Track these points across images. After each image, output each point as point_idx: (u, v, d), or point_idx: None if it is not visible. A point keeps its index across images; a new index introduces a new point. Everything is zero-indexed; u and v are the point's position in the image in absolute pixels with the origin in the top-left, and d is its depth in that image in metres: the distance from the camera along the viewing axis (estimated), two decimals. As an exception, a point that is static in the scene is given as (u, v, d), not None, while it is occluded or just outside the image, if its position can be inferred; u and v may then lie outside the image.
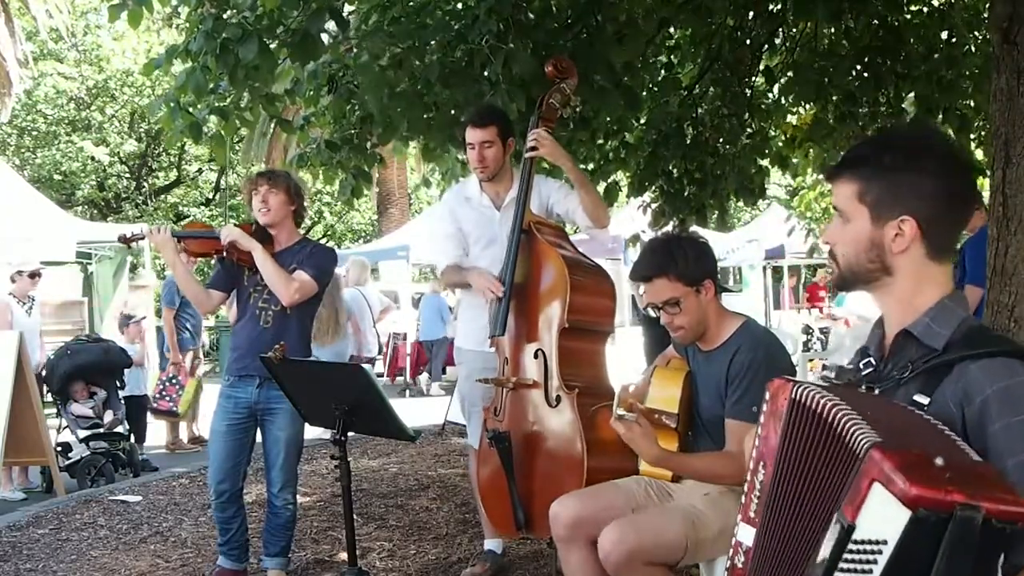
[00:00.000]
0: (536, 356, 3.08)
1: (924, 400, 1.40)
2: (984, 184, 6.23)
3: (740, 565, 1.50)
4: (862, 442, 1.27)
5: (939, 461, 1.21)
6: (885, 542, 1.21)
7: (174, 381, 7.35)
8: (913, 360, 1.46)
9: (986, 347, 1.40)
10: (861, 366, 1.55)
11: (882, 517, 1.21)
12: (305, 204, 3.70)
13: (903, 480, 1.18)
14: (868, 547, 1.23)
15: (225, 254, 3.54)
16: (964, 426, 1.37)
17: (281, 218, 3.56)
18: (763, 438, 1.49)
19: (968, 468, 1.25)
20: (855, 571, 1.24)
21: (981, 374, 1.37)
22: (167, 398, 7.37)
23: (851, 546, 1.25)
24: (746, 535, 1.49)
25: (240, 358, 3.56)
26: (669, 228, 5.73)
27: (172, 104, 3.97)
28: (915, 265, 1.48)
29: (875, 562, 1.22)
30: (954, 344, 1.43)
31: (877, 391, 1.51)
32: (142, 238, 3.71)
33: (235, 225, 3.60)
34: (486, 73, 3.90)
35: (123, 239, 3.79)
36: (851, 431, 1.30)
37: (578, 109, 4.04)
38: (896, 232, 1.46)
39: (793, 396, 1.43)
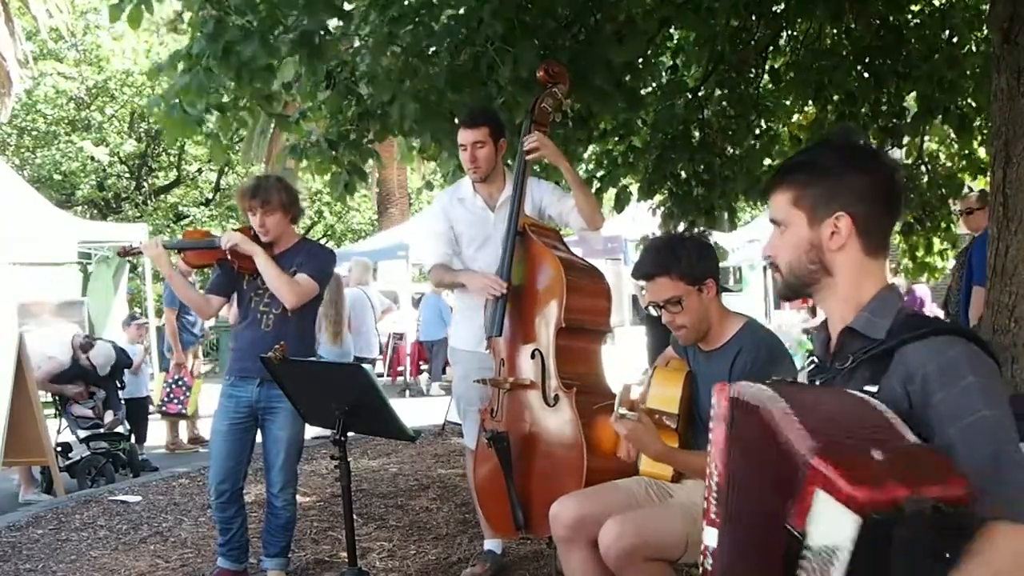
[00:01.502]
0: (533, 356, 3.08)
1: (873, 389, 1.44)
2: (983, 183, 6.26)
3: (709, 568, 1.50)
4: (797, 441, 1.28)
5: (877, 455, 1.22)
6: (837, 548, 1.21)
7: (180, 383, 7.36)
8: (854, 352, 1.51)
9: (919, 330, 1.45)
10: (806, 365, 1.61)
11: (831, 523, 1.21)
12: (301, 204, 3.68)
13: (847, 485, 1.19)
14: (823, 554, 1.24)
15: (228, 260, 3.54)
16: (911, 406, 1.40)
17: (281, 232, 3.56)
18: (713, 441, 1.52)
19: (906, 455, 1.27)
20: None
21: (920, 351, 1.42)
22: (175, 400, 7.38)
23: (805, 553, 1.25)
24: (711, 537, 1.50)
25: (241, 359, 3.57)
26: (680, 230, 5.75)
27: (172, 103, 3.97)
28: (853, 262, 1.54)
29: (832, 563, 1.22)
30: (892, 333, 1.49)
31: (819, 383, 1.57)
32: (140, 252, 3.73)
33: (235, 230, 3.59)
34: (494, 76, 3.90)
35: (122, 252, 3.84)
36: (782, 425, 1.32)
37: (575, 107, 4.04)
38: (832, 230, 1.53)
39: (732, 394, 1.48)
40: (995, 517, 1.30)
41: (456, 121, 4.22)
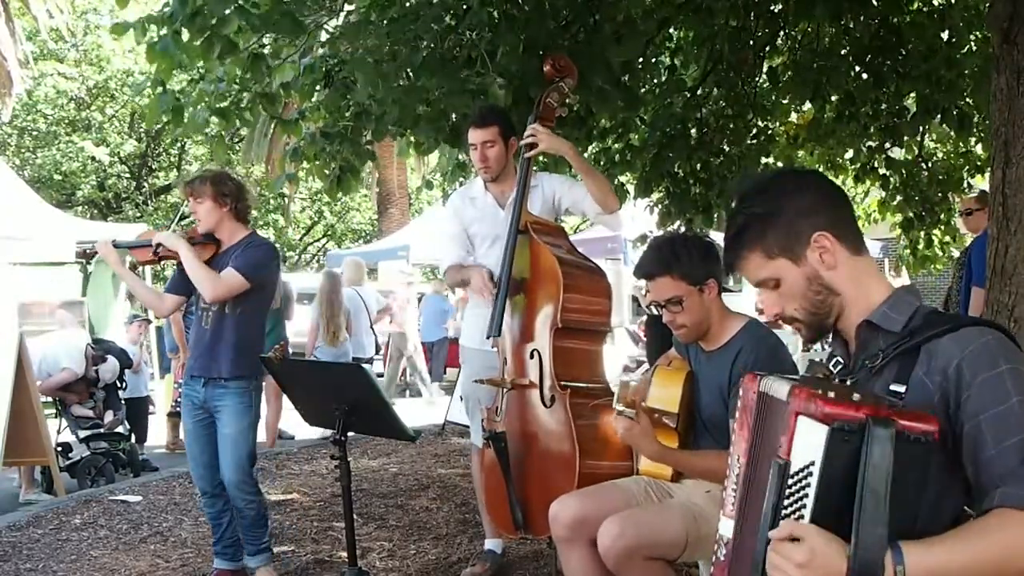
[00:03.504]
0: (532, 356, 3.07)
1: (901, 389, 1.43)
2: (980, 180, 6.28)
3: (722, 558, 1.53)
4: (786, 388, 1.38)
5: (856, 396, 1.33)
6: (813, 463, 1.31)
7: None
8: (883, 349, 1.49)
9: (947, 324, 1.45)
10: (831, 366, 1.59)
11: (807, 443, 1.32)
12: (247, 199, 3.67)
13: (816, 401, 1.32)
14: (801, 475, 1.33)
15: (160, 258, 3.59)
16: (945, 399, 1.40)
17: (215, 222, 3.56)
18: (737, 432, 1.54)
19: (885, 401, 1.36)
20: (795, 502, 1.33)
21: (950, 344, 1.41)
22: None
23: (789, 481, 1.33)
24: (726, 528, 1.52)
25: (190, 358, 3.64)
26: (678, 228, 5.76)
27: (159, 87, 3.95)
28: (849, 269, 1.53)
29: (808, 486, 1.32)
30: (916, 329, 1.47)
31: (849, 383, 1.55)
32: (95, 252, 3.77)
33: (182, 228, 3.63)
34: (475, 65, 3.89)
35: (81, 254, 3.87)
36: (781, 390, 1.40)
37: (575, 108, 4.03)
38: (820, 251, 1.52)
39: (760, 388, 1.48)
40: (1010, 506, 1.30)
41: (434, 112, 4.22)
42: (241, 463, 3.53)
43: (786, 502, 1.34)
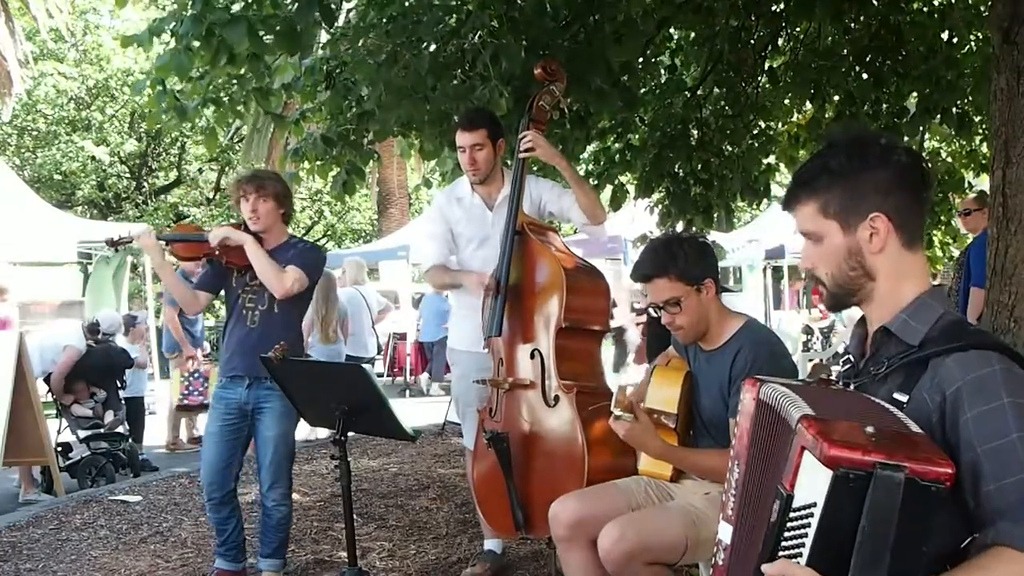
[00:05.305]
0: (533, 356, 3.08)
1: (903, 398, 1.41)
2: (985, 179, 6.28)
3: (721, 563, 1.52)
4: (795, 415, 1.33)
5: (870, 429, 1.26)
6: (815, 504, 1.26)
7: (197, 375, 7.36)
8: (890, 357, 1.47)
9: (960, 341, 1.40)
10: (840, 364, 1.59)
11: (812, 481, 1.26)
12: (293, 206, 3.66)
13: (822, 443, 1.23)
14: (803, 512, 1.28)
15: (216, 256, 3.53)
16: (943, 420, 1.37)
17: (273, 222, 3.54)
18: (738, 437, 1.53)
19: (901, 436, 1.29)
20: (795, 538, 1.29)
21: (955, 366, 1.38)
22: (195, 393, 7.36)
23: (791, 515, 1.30)
24: (725, 533, 1.52)
25: (229, 359, 3.57)
26: (678, 228, 5.76)
27: (159, 86, 3.95)
28: (893, 260, 1.49)
29: (809, 525, 1.27)
30: (931, 340, 1.44)
31: (852, 387, 1.53)
32: (130, 241, 3.67)
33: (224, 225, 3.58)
34: (477, 68, 3.89)
35: (111, 242, 3.73)
36: (792, 413, 1.35)
37: (574, 108, 4.03)
38: (870, 232, 1.48)
39: (759, 396, 1.47)
40: (1010, 545, 1.28)
41: (437, 115, 4.22)
42: (281, 465, 3.54)
43: (787, 534, 1.31)
